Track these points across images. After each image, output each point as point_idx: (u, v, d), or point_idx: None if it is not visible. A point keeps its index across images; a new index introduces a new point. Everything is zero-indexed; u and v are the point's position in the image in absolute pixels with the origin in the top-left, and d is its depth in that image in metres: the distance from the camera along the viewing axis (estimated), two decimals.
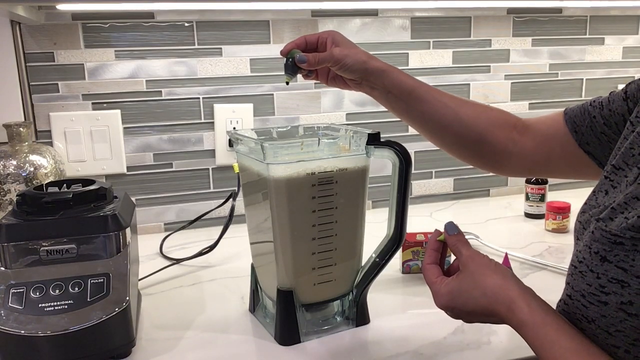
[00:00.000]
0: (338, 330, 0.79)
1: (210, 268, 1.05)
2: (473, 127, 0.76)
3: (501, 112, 0.79)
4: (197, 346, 0.76)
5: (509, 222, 1.28)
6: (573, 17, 1.45)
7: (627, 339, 0.47)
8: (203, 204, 1.27)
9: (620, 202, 0.50)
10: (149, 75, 1.19)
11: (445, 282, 0.60)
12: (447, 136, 0.77)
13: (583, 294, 0.50)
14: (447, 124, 0.76)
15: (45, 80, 1.15)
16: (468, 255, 0.60)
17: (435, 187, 1.45)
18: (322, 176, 0.72)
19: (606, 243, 0.49)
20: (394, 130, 1.37)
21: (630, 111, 0.62)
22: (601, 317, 0.49)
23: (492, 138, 0.76)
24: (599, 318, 0.49)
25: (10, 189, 1.02)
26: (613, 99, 0.65)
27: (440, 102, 0.75)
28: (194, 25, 1.20)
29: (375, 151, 0.74)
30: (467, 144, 0.77)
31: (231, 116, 1.25)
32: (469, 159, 0.80)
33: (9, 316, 0.66)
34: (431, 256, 0.65)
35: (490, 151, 0.77)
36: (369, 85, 0.77)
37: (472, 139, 0.76)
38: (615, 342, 0.48)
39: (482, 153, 0.78)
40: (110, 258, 0.73)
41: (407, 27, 1.32)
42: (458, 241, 0.63)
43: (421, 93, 0.75)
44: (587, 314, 0.50)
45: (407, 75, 0.76)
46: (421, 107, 0.76)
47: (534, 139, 0.75)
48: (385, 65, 0.76)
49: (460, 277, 0.59)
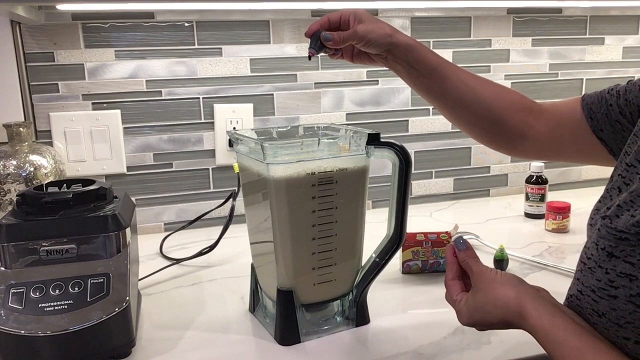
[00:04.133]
0: (338, 330, 0.79)
1: (210, 268, 1.05)
2: (490, 108, 0.77)
3: (519, 96, 0.80)
4: (197, 346, 0.76)
5: (509, 222, 1.28)
6: (573, 17, 1.45)
7: (636, 330, 0.48)
8: (203, 204, 1.27)
9: (626, 200, 0.51)
10: (149, 75, 1.19)
11: (464, 300, 0.62)
12: (465, 115, 0.79)
13: (593, 289, 0.51)
14: (465, 103, 0.77)
15: (45, 80, 1.15)
16: (477, 272, 0.62)
17: (435, 187, 1.45)
18: (322, 176, 0.72)
19: (612, 239, 0.50)
20: (394, 130, 1.37)
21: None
22: (611, 310, 0.50)
23: (508, 120, 0.77)
24: (609, 311, 0.50)
25: (10, 189, 1.02)
26: (630, 89, 0.67)
27: (461, 81, 0.77)
28: (194, 25, 1.20)
29: (375, 151, 0.74)
30: (483, 124, 0.79)
31: (231, 116, 1.25)
32: (484, 138, 0.82)
33: (9, 316, 0.66)
34: (452, 271, 0.66)
35: (505, 133, 0.78)
36: (393, 60, 0.77)
37: (489, 119, 0.78)
38: (625, 334, 0.49)
39: (497, 134, 0.79)
40: (110, 258, 0.73)
41: (407, 27, 1.32)
42: (467, 257, 0.65)
43: (444, 71, 0.77)
44: (597, 308, 0.51)
45: (431, 52, 0.77)
46: (442, 84, 0.77)
47: (547, 123, 0.77)
48: (410, 39, 0.76)
49: (474, 294, 0.61)
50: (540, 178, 1.28)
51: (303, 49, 1.26)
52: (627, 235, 0.48)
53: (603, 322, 0.51)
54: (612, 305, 0.49)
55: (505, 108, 0.78)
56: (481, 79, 0.79)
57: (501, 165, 1.49)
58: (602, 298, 0.50)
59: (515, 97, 0.79)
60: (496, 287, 0.59)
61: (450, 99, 0.78)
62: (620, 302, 0.49)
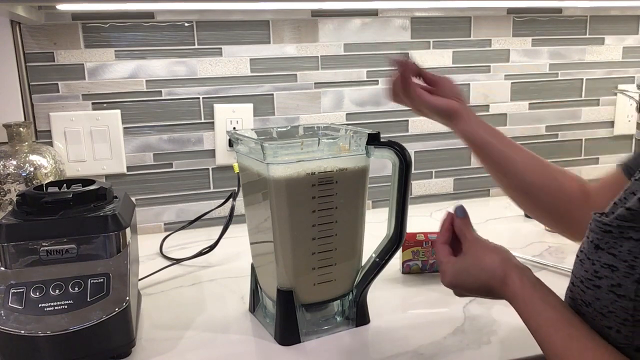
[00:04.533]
0: (338, 330, 0.79)
1: (210, 268, 1.04)
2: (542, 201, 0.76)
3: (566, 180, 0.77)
4: (197, 346, 0.76)
5: (509, 222, 1.28)
6: (573, 17, 1.44)
7: (617, 319, 0.50)
8: (203, 204, 1.27)
9: (620, 197, 0.53)
10: (149, 75, 1.19)
11: (452, 262, 0.66)
12: (516, 197, 0.80)
13: (582, 279, 0.53)
14: (514, 188, 0.78)
15: (45, 80, 1.15)
16: (472, 239, 0.67)
17: (435, 187, 1.45)
18: (322, 176, 0.72)
19: (599, 232, 0.52)
20: (394, 130, 1.37)
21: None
22: (596, 299, 0.52)
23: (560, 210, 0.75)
24: (594, 301, 0.52)
25: (10, 189, 1.02)
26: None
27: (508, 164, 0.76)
28: (194, 25, 1.20)
29: (375, 151, 0.74)
30: (535, 211, 0.80)
31: (231, 116, 1.25)
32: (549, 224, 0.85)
33: (9, 316, 0.66)
34: (444, 235, 0.70)
35: (560, 220, 0.77)
36: None
37: (541, 208, 0.78)
38: (608, 323, 0.51)
39: (554, 220, 0.79)
40: (110, 258, 0.73)
41: (407, 27, 1.32)
42: (464, 225, 0.69)
43: (491, 151, 0.76)
44: (585, 298, 0.53)
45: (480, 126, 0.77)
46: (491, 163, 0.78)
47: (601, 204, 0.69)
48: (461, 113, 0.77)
49: (464, 258, 0.66)
50: None
51: (303, 49, 1.26)
52: (611, 228, 0.50)
53: (590, 311, 0.53)
54: (597, 295, 0.51)
55: (556, 199, 0.75)
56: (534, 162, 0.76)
57: None
58: (588, 288, 0.52)
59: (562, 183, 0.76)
60: (486, 253, 0.64)
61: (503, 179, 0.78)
62: (603, 291, 0.51)
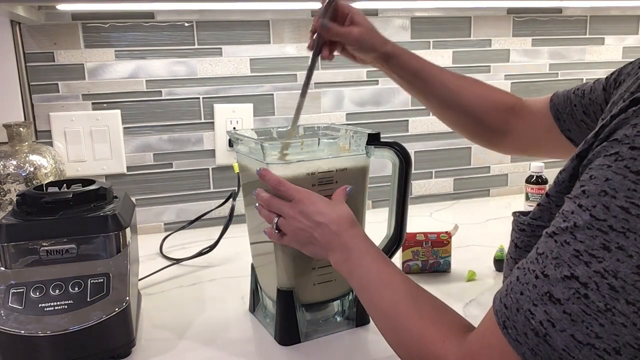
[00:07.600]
0: (338, 330, 0.79)
1: (210, 268, 1.04)
2: (471, 110, 0.82)
3: (502, 94, 0.84)
4: (197, 346, 0.76)
5: (509, 222, 1.27)
6: (573, 17, 1.45)
7: None
8: (203, 204, 1.27)
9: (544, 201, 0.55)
10: (149, 75, 1.19)
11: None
12: (448, 115, 0.85)
13: (505, 278, 0.55)
14: (448, 105, 0.83)
15: (45, 80, 1.15)
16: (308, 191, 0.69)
17: (435, 187, 1.45)
18: (322, 176, 0.72)
19: (517, 232, 0.54)
20: (394, 130, 1.37)
21: (607, 102, 0.63)
22: None
23: (488, 120, 0.82)
24: None
25: (10, 189, 1.02)
26: (595, 88, 0.67)
27: (442, 84, 0.81)
28: (194, 25, 1.20)
29: (375, 151, 0.74)
30: (466, 124, 0.85)
31: (231, 116, 1.25)
32: (468, 135, 0.88)
33: (9, 316, 0.66)
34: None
35: (485, 131, 0.84)
36: (379, 65, 0.83)
37: (470, 119, 0.83)
38: None
39: (479, 132, 0.85)
40: (110, 258, 0.73)
41: (407, 27, 1.32)
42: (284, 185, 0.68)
43: (425, 75, 0.81)
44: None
45: (414, 58, 0.81)
46: (425, 87, 0.82)
47: (525, 121, 0.80)
48: (393, 50, 0.80)
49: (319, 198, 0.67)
50: (540, 178, 1.28)
51: (303, 49, 1.26)
52: (524, 227, 0.52)
53: None
54: None
55: (486, 108, 0.82)
56: (464, 80, 0.83)
57: (501, 165, 1.49)
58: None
59: (497, 96, 0.83)
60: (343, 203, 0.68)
61: (434, 101, 0.83)
62: None
